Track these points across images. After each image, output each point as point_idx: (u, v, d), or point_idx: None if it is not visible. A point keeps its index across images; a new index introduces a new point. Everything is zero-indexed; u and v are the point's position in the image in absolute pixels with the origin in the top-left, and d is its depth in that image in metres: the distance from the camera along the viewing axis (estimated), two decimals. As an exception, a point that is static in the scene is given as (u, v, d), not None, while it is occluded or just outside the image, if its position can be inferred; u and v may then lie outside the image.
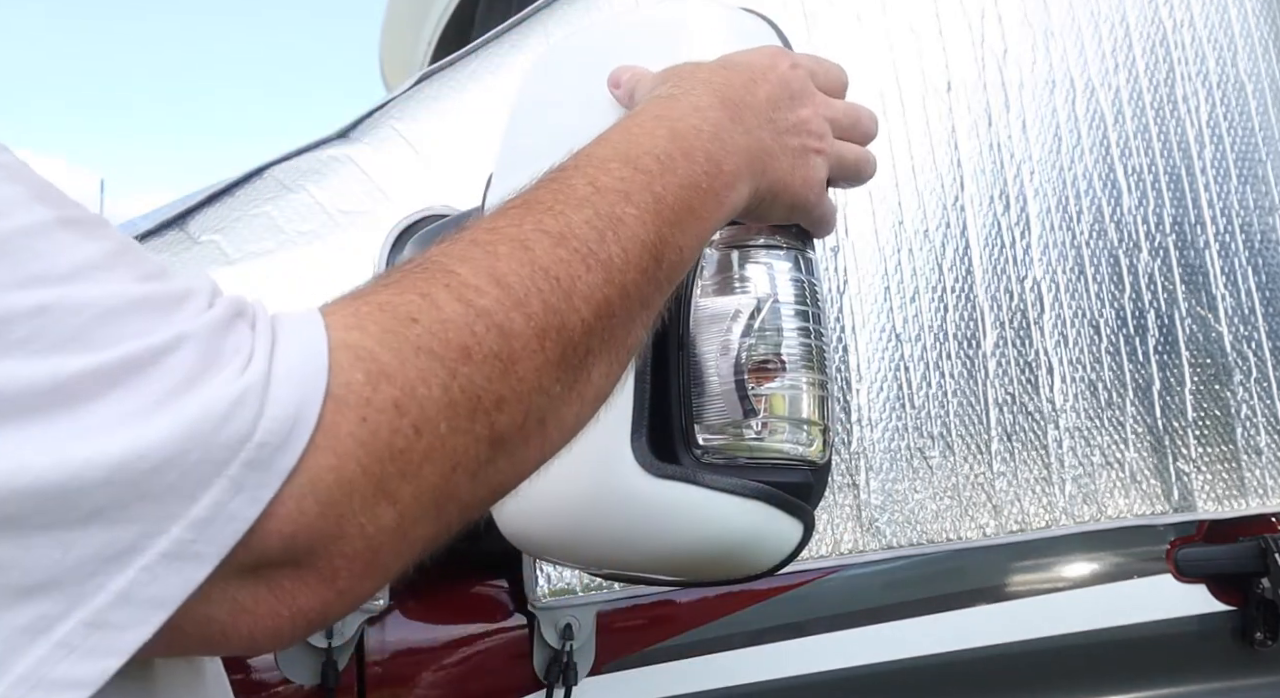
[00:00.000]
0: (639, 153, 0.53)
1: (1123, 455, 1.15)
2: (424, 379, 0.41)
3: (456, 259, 0.46)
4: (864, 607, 1.07)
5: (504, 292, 0.44)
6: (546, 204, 0.49)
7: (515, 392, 0.44)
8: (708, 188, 0.54)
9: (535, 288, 0.45)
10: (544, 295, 0.45)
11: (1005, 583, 1.12)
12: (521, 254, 0.46)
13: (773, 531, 0.66)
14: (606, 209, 0.49)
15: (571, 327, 0.46)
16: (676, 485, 0.64)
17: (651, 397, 0.66)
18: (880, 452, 1.07)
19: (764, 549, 0.67)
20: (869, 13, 1.15)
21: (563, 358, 0.46)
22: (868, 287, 1.10)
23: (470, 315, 0.43)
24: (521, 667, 0.96)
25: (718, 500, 0.64)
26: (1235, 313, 1.23)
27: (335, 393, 0.40)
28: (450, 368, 0.42)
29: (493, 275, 0.45)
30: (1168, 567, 1.17)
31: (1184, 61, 1.27)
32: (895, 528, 1.06)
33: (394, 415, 0.40)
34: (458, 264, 0.45)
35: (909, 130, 1.14)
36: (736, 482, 0.64)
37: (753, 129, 0.58)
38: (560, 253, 0.47)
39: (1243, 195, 1.27)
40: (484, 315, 0.43)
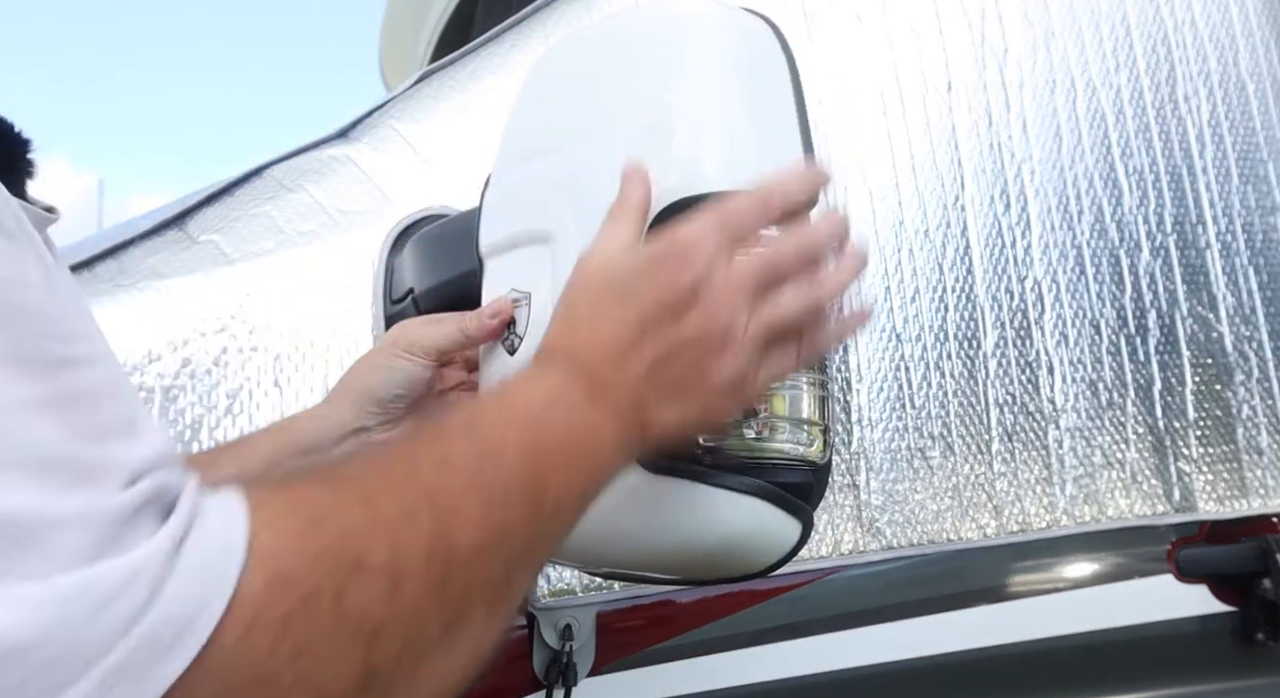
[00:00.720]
0: (516, 404, 0.54)
1: (1124, 456, 1.15)
2: (317, 592, 0.39)
3: (354, 468, 0.46)
4: (864, 607, 1.07)
5: (398, 507, 0.44)
6: (430, 435, 0.51)
7: (397, 617, 0.42)
8: (580, 461, 0.54)
9: (425, 510, 0.45)
10: (432, 518, 0.45)
11: (1006, 583, 1.12)
12: (408, 474, 0.46)
13: (771, 529, 0.65)
14: (484, 442, 0.50)
15: (455, 557, 0.45)
16: (675, 481, 0.64)
17: None
18: (880, 452, 1.07)
19: (762, 547, 0.66)
20: (869, 12, 1.15)
21: (444, 587, 0.44)
22: (868, 287, 1.09)
23: (373, 521, 0.42)
24: (521, 667, 0.96)
25: (716, 497, 0.64)
26: (1236, 313, 1.23)
27: (235, 598, 0.36)
28: (343, 581, 0.40)
29: (390, 487, 0.45)
30: (1169, 567, 1.16)
31: (1185, 61, 1.27)
32: (895, 528, 1.06)
33: (279, 631, 0.37)
34: (359, 473, 0.46)
35: (909, 130, 1.14)
36: (735, 479, 0.64)
37: (626, 410, 0.56)
38: (444, 479, 0.47)
39: (1244, 195, 1.26)
40: (386, 523, 0.43)
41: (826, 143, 1.10)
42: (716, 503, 0.64)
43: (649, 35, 0.74)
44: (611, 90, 0.73)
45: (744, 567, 0.68)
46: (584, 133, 0.74)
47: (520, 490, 0.49)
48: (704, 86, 0.70)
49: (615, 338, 0.57)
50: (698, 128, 0.69)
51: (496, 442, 0.50)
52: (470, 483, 0.47)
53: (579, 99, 0.76)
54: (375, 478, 0.45)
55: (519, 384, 0.56)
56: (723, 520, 0.64)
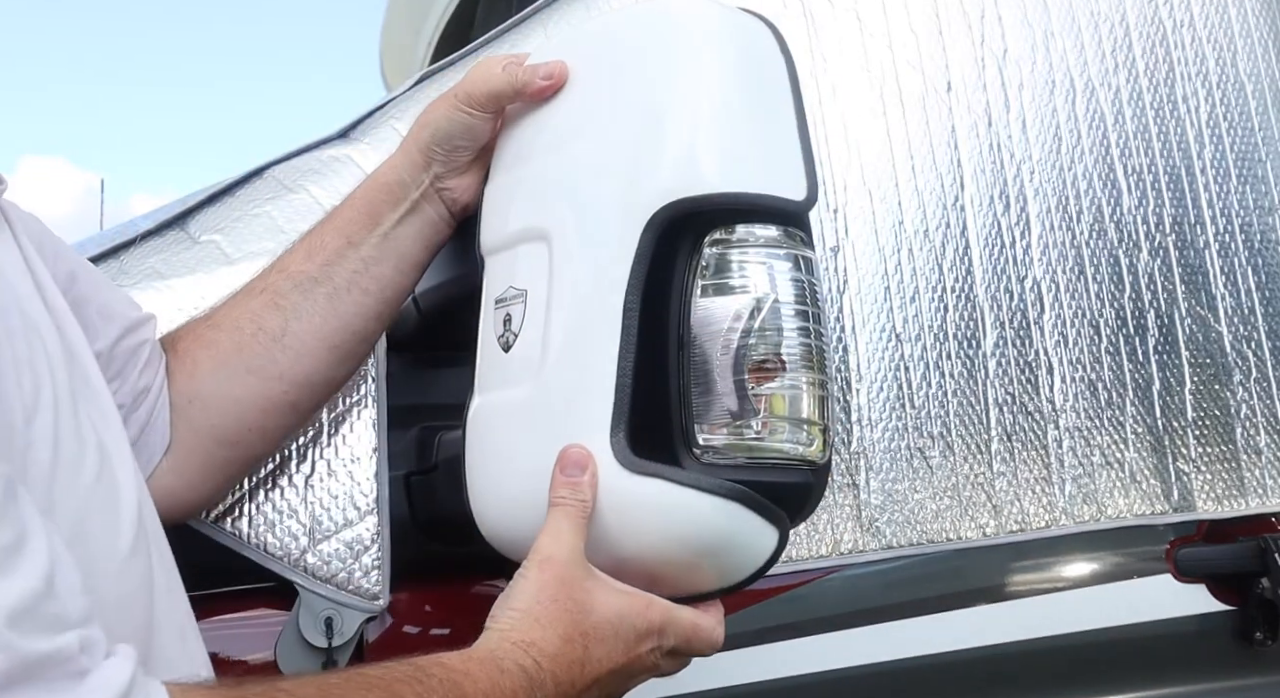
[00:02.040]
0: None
1: (1122, 455, 1.15)
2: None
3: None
4: (864, 607, 1.07)
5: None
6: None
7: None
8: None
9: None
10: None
11: (1005, 583, 1.12)
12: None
13: (748, 534, 0.65)
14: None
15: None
16: (652, 483, 0.64)
17: (637, 394, 0.65)
18: (880, 452, 1.07)
19: (739, 553, 0.66)
20: (869, 13, 1.15)
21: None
22: (868, 287, 1.10)
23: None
24: (521, 667, 0.96)
25: (693, 499, 0.64)
26: (1235, 313, 1.23)
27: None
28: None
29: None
30: (1167, 567, 1.16)
31: (1184, 61, 1.27)
32: (895, 528, 1.06)
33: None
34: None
35: (909, 130, 1.14)
36: (713, 481, 0.64)
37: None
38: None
39: (1242, 195, 1.27)
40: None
41: (826, 143, 1.11)
42: (693, 505, 0.64)
43: (647, 35, 0.74)
44: (609, 89, 0.74)
45: (722, 573, 0.68)
46: (581, 132, 0.74)
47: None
48: (701, 86, 0.70)
49: (589, 676, 0.64)
50: (694, 128, 0.69)
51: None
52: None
53: (577, 98, 0.76)
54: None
55: (494, 690, 0.58)
56: (699, 523, 0.64)
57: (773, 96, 0.73)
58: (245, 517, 0.91)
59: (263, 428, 0.84)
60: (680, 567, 0.67)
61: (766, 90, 0.73)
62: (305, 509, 0.91)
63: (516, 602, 0.65)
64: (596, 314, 0.67)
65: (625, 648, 0.66)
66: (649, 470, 0.64)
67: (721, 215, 0.68)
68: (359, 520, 0.91)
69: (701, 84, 0.70)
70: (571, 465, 0.66)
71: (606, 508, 0.65)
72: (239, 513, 0.91)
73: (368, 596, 0.90)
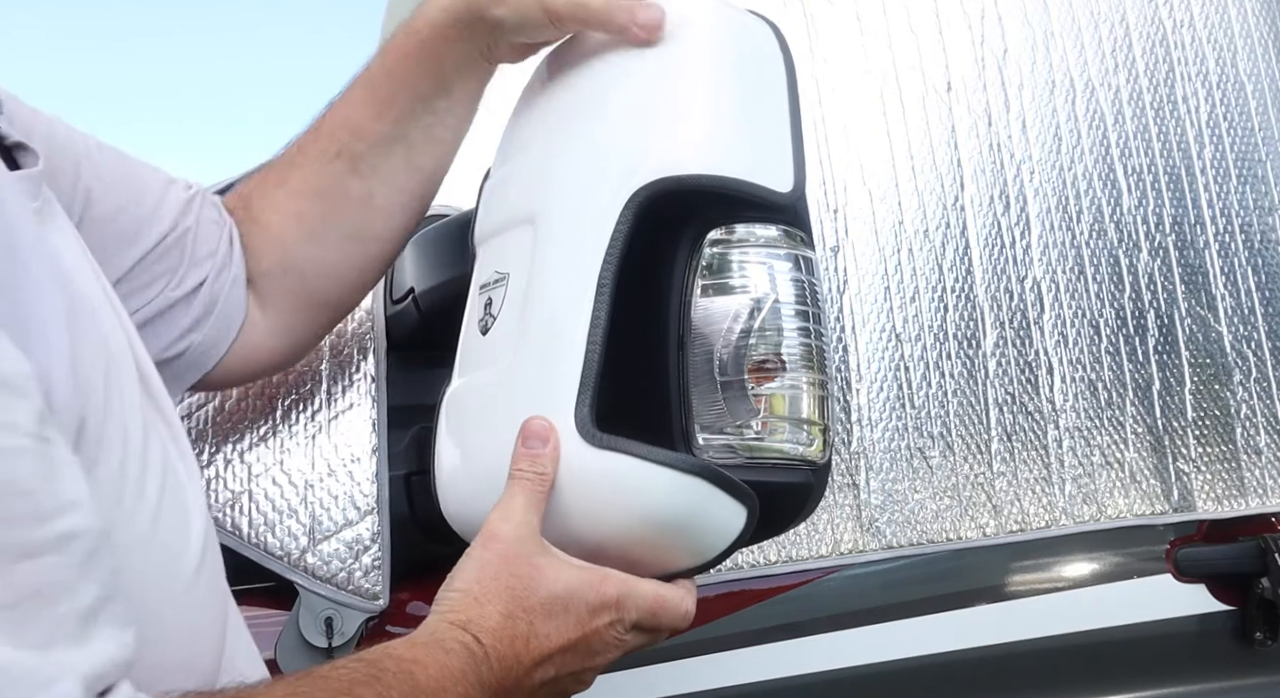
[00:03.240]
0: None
1: (1122, 455, 1.15)
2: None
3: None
4: (864, 607, 1.07)
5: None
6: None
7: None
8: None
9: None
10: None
11: (1005, 583, 1.12)
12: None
13: (714, 511, 0.64)
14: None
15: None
16: (616, 457, 0.63)
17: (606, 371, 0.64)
18: (880, 452, 1.07)
19: (705, 531, 0.65)
20: (869, 13, 1.15)
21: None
22: (868, 287, 1.10)
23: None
24: (521, 667, 0.96)
25: (657, 474, 0.62)
26: (1235, 313, 1.23)
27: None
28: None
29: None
30: (1167, 567, 1.17)
31: (1184, 61, 1.27)
32: (895, 528, 1.06)
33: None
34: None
35: (909, 130, 1.14)
36: (678, 457, 0.63)
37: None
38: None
39: (1242, 195, 1.27)
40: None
41: (826, 143, 1.11)
42: (657, 480, 0.62)
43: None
44: (605, 79, 0.73)
45: (689, 552, 0.66)
46: (576, 119, 0.74)
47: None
48: (696, 75, 0.70)
49: (536, 652, 0.61)
50: (684, 113, 0.69)
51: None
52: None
53: (574, 90, 0.76)
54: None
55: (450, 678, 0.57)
56: (663, 499, 0.63)
57: (768, 92, 0.72)
58: (245, 516, 0.91)
59: (363, 285, 0.86)
60: (644, 545, 0.65)
61: (762, 85, 0.73)
62: (305, 509, 0.91)
63: (458, 582, 0.63)
64: (571, 292, 0.66)
65: (577, 623, 0.63)
66: (612, 445, 0.63)
67: (705, 202, 0.67)
68: (359, 520, 0.91)
69: (697, 73, 0.70)
70: (533, 437, 0.64)
71: (568, 483, 0.64)
72: (239, 512, 0.91)
73: (368, 596, 0.90)
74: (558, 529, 0.65)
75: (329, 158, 0.81)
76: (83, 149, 0.73)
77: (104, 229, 0.72)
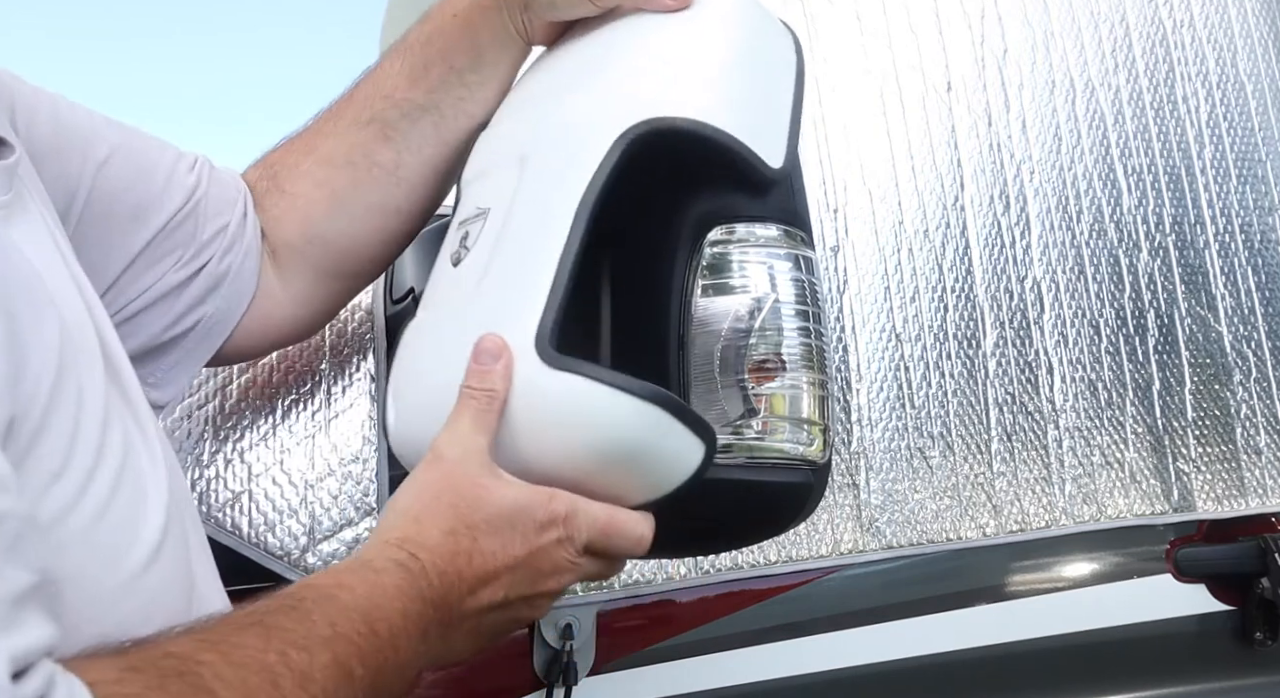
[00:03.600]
0: (378, 616, 0.53)
1: (1122, 455, 1.15)
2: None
3: (215, 676, 0.45)
4: (864, 607, 1.07)
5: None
6: (290, 634, 0.49)
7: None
8: (411, 672, 0.56)
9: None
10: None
11: (1005, 583, 1.12)
12: (271, 690, 0.46)
13: (671, 442, 0.62)
14: (344, 659, 0.50)
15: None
16: (574, 379, 0.60)
17: (573, 300, 0.62)
18: (880, 452, 1.07)
19: (659, 462, 0.63)
20: (869, 13, 1.15)
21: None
22: (868, 287, 1.10)
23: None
24: (521, 667, 0.96)
25: (615, 399, 0.60)
26: (1235, 313, 1.23)
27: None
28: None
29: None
30: (1167, 567, 1.17)
31: (1184, 61, 1.27)
32: (895, 528, 1.06)
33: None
34: (220, 686, 0.44)
35: (909, 130, 1.14)
36: (636, 383, 0.61)
37: (454, 633, 0.59)
38: (303, 696, 0.47)
39: (1242, 195, 1.27)
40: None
41: (826, 143, 1.11)
42: (613, 405, 0.60)
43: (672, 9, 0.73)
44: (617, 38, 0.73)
45: (643, 484, 0.64)
46: (579, 72, 0.74)
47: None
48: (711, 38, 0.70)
49: (480, 569, 0.59)
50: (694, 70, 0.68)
51: (351, 662, 0.51)
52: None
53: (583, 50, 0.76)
54: (236, 687, 0.45)
55: (382, 594, 0.55)
56: (619, 424, 0.60)
57: (776, 77, 0.73)
58: (245, 516, 0.91)
59: (383, 258, 0.85)
60: (598, 474, 0.63)
61: (772, 70, 0.73)
62: (305, 509, 0.91)
63: (398, 503, 0.61)
64: (548, 217, 0.64)
65: (524, 540, 0.60)
66: (570, 367, 0.60)
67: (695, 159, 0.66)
68: (359, 521, 0.91)
69: (711, 36, 0.70)
70: (483, 354, 0.61)
71: (522, 405, 0.61)
72: (239, 512, 0.91)
73: (368, 596, 0.90)
74: (508, 454, 0.62)
75: (361, 124, 0.81)
76: (89, 127, 0.73)
77: (114, 207, 0.72)
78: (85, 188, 0.71)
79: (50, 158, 0.68)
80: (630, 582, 0.98)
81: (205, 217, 0.78)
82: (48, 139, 0.68)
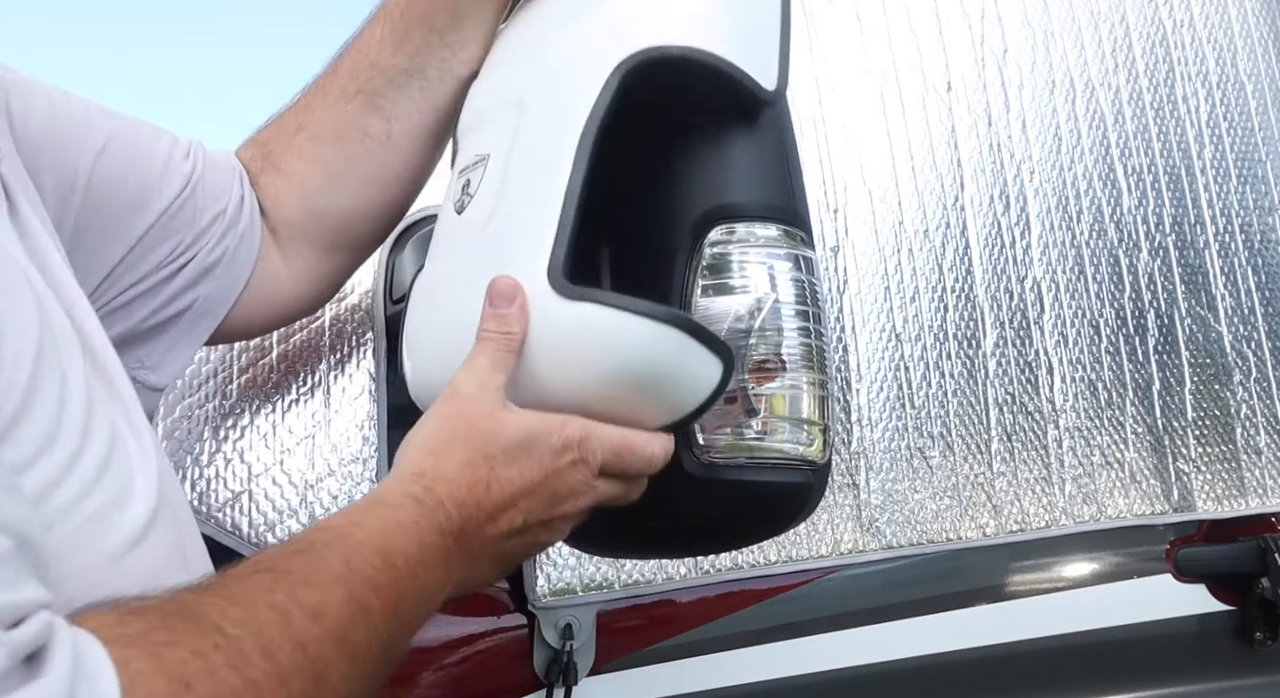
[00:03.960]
0: (393, 549, 0.54)
1: (1122, 455, 1.15)
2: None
3: (221, 615, 0.44)
4: (864, 607, 1.07)
5: (272, 665, 0.44)
6: (301, 575, 0.49)
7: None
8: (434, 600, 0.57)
9: (295, 666, 0.45)
10: (302, 675, 0.45)
11: (1005, 583, 1.12)
12: (283, 625, 0.45)
13: (689, 363, 0.62)
14: (360, 594, 0.50)
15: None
16: (589, 307, 0.61)
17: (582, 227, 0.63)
18: (880, 452, 1.07)
19: (678, 383, 0.63)
20: (869, 13, 1.15)
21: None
22: (868, 287, 1.10)
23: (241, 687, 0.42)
24: (521, 667, 0.96)
25: (632, 324, 0.61)
26: (1235, 313, 1.23)
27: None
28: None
29: (260, 644, 0.44)
30: (1167, 567, 1.17)
31: (1184, 62, 1.27)
32: (895, 528, 1.06)
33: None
34: (227, 623, 0.44)
35: (909, 130, 1.14)
36: (651, 306, 0.61)
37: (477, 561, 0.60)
38: (316, 630, 0.47)
39: (1242, 195, 1.27)
40: (253, 688, 0.42)
41: (826, 143, 1.11)
42: (631, 330, 0.61)
43: None
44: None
45: (663, 406, 0.64)
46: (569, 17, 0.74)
47: (380, 647, 0.51)
48: None
49: (498, 496, 0.60)
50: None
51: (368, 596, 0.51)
52: (341, 639, 0.48)
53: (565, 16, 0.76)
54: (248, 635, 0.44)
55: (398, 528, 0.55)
56: (640, 349, 0.61)
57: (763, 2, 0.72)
58: (245, 516, 0.91)
59: (383, 229, 0.86)
60: (618, 399, 0.63)
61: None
62: (305, 509, 0.91)
63: (416, 438, 0.61)
64: (551, 155, 0.65)
65: (539, 464, 0.61)
66: (585, 296, 0.61)
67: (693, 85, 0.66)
68: (359, 520, 0.91)
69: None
70: (498, 297, 0.62)
71: (540, 339, 0.62)
72: (239, 512, 0.91)
73: (368, 596, 0.90)
74: (528, 389, 0.63)
75: (348, 96, 0.81)
76: (84, 117, 0.73)
77: (113, 194, 0.72)
78: (84, 176, 0.71)
79: (48, 148, 0.68)
80: (630, 582, 0.98)
81: (203, 202, 0.78)
82: (45, 130, 0.68)
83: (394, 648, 0.53)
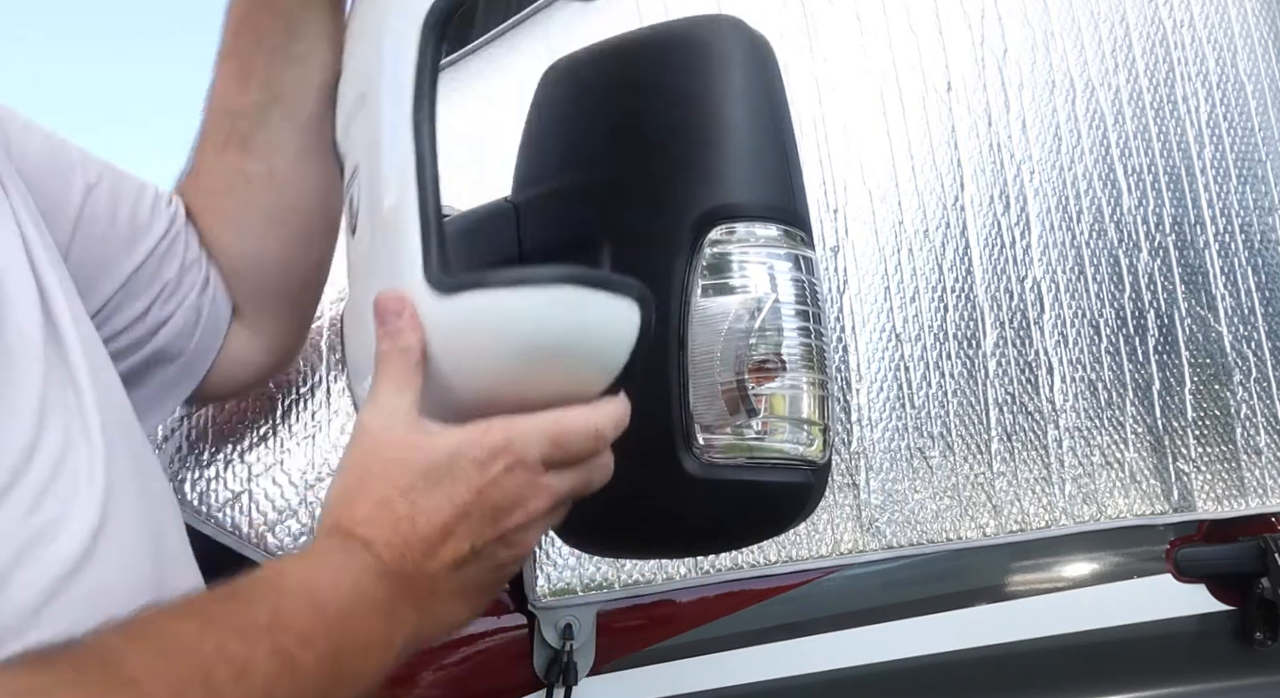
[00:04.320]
0: (325, 600, 0.52)
1: (1122, 455, 1.15)
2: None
3: (141, 667, 0.43)
4: (864, 607, 1.07)
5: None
6: (229, 623, 0.47)
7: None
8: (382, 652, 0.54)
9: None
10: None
11: (1005, 583, 1.12)
12: (203, 686, 0.44)
13: (596, 316, 0.58)
14: (285, 647, 0.48)
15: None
16: (473, 295, 0.58)
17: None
18: (880, 452, 1.07)
19: (597, 339, 0.59)
20: (869, 13, 1.15)
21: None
22: (868, 287, 1.10)
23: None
24: (521, 667, 0.96)
25: (520, 297, 0.57)
26: (1235, 313, 1.23)
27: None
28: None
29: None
30: (1168, 567, 1.17)
31: (1184, 61, 1.27)
32: (895, 528, 1.06)
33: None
34: (147, 677, 0.43)
35: (909, 130, 1.14)
36: (533, 271, 0.58)
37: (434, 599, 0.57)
38: (237, 692, 0.45)
39: (1242, 195, 1.27)
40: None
41: (826, 143, 1.11)
42: (524, 303, 0.57)
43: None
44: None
45: (591, 368, 0.60)
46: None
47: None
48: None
49: (427, 528, 0.56)
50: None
51: (297, 650, 0.49)
52: (269, 693, 0.47)
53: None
54: (163, 692, 0.43)
55: (328, 576, 0.53)
56: (538, 320, 0.57)
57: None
58: (245, 516, 0.91)
59: (311, 264, 0.82)
60: (538, 379, 0.59)
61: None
62: (305, 509, 0.91)
63: (331, 491, 0.58)
64: (390, 145, 0.61)
65: (466, 483, 0.57)
66: (462, 285, 0.57)
67: None
68: (359, 520, 0.91)
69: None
70: (385, 313, 0.58)
71: (437, 344, 0.58)
72: (239, 512, 0.91)
73: (368, 596, 0.90)
74: (443, 400, 0.59)
75: (220, 149, 0.78)
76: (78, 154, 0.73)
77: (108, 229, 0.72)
78: (76, 209, 0.71)
79: (45, 178, 0.68)
80: (630, 582, 0.98)
81: (188, 243, 0.78)
82: (43, 160, 0.69)
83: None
